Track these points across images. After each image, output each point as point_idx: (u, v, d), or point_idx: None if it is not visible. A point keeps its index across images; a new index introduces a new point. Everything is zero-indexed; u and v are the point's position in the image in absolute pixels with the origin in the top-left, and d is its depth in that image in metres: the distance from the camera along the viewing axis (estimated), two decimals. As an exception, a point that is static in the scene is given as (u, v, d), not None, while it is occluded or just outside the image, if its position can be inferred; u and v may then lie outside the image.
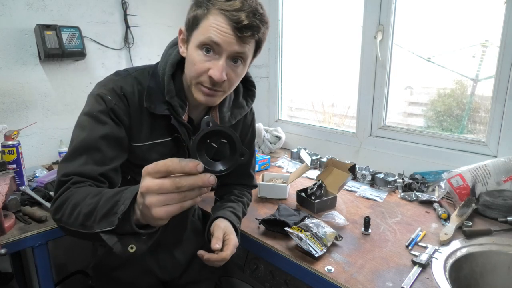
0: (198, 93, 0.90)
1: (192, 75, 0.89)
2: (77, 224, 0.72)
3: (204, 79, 0.87)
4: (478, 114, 1.63)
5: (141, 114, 0.94)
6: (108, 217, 0.64)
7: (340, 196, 1.48)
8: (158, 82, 0.95)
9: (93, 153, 0.85)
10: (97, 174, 0.83)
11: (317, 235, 1.05)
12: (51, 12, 1.80)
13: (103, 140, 0.86)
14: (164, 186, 0.55)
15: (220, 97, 0.93)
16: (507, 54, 1.37)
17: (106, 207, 0.66)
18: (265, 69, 2.32)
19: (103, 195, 0.69)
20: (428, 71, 1.74)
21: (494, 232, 1.15)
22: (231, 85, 0.92)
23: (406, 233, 1.18)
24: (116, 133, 0.89)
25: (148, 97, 0.93)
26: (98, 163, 0.85)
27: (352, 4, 1.89)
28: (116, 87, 0.91)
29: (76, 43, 1.78)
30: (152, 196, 0.56)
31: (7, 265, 1.73)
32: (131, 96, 0.92)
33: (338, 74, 2.13)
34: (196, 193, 0.56)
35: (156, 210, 0.56)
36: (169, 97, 0.94)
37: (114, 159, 0.88)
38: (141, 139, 0.95)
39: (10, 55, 1.70)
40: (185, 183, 0.55)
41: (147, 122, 0.95)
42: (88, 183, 0.81)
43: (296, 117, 2.40)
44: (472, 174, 1.34)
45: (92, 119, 0.88)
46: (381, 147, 1.80)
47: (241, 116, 1.08)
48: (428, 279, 0.93)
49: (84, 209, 0.70)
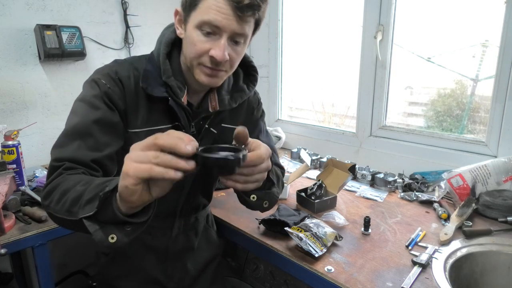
0: (200, 74, 0.87)
1: (192, 56, 0.86)
2: (63, 210, 0.69)
3: (205, 60, 0.84)
4: (478, 114, 1.63)
5: (138, 98, 0.90)
6: (92, 201, 0.62)
7: (340, 196, 1.48)
8: (155, 66, 0.92)
9: (86, 138, 0.82)
10: (90, 160, 0.80)
11: (317, 235, 1.05)
12: (51, 12, 1.80)
13: (96, 125, 0.83)
14: (147, 141, 0.57)
15: (223, 77, 0.91)
16: (507, 54, 1.37)
17: (93, 192, 0.64)
18: (265, 69, 2.32)
19: (94, 182, 0.68)
20: (428, 71, 1.74)
21: (494, 232, 1.15)
22: (233, 65, 0.89)
23: (406, 233, 1.18)
24: (110, 118, 0.86)
25: (145, 79, 0.89)
26: (91, 149, 0.82)
27: (352, 4, 1.89)
28: (111, 71, 0.89)
29: (76, 43, 1.78)
30: (133, 151, 0.57)
31: (7, 265, 1.73)
32: (126, 81, 0.89)
33: (338, 74, 2.13)
34: (171, 160, 0.55)
35: (127, 164, 0.56)
36: (166, 77, 0.90)
37: (108, 145, 0.85)
38: (138, 125, 0.91)
39: (10, 55, 1.70)
40: (164, 136, 0.56)
41: (144, 107, 0.91)
42: (82, 170, 0.78)
43: (296, 117, 2.41)
44: (472, 174, 1.34)
45: (85, 104, 0.86)
46: (381, 147, 1.80)
47: (241, 99, 1.03)
48: (428, 279, 0.93)
49: (72, 195, 0.68)
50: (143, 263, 1.06)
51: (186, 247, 1.11)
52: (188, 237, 1.11)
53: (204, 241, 1.17)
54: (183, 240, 1.09)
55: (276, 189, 0.89)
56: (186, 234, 1.10)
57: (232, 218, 1.27)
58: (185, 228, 1.09)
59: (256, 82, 1.07)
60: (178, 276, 1.10)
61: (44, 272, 1.24)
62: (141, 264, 1.06)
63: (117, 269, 1.07)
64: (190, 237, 1.11)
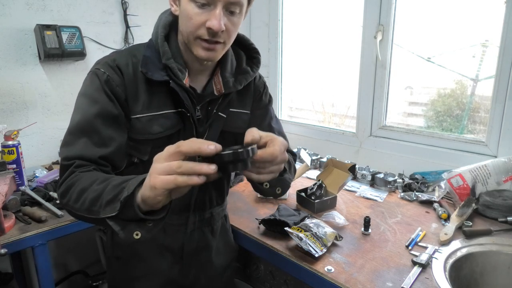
0: (198, 48, 0.86)
1: (189, 30, 0.84)
2: (83, 209, 0.73)
3: (202, 32, 0.83)
4: (478, 114, 1.63)
5: (137, 84, 0.89)
6: (112, 203, 0.66)
7: (340, 196, 1.48)
8: (154, 51, 0.91)
9: (90, 134, 0.83)
10: (97, 157, 0.82)
11: (317, 235, 1.05)
12: (51, 12, 1.80)
13: (98, 119, 0.84)
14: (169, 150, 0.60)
15: (221, 50, 0.89)
16: (507, 54, 1.37)
17: (111, 193, 0.67)
18: (265, 69, 2.32)
19: (110, 182, 0.70)
20: (428, 71, 1.74)
21: (494, 232, 1.15)
22: (230, 36, 0.87)
23: (406, 233, 1.18)
24: (110, 109, 0.86)
25: (144, 64, 0.89)
26: (98, 145, 0.83)
27: (352, 4, 1.89)
28: (109, 60, 0.89)
29: (76, 43, 1.78)
30: (157, 163, 0.61)
31: (7, 265, 1.73)
32: (124, 68, 0.89)
33: (338, 74, 2.13)
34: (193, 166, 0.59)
35: (154, 177, 0.60)
36: (166, 59, 0.88)
37: (113, 139, 0.86)
38: (139, 111, 0.90)
39: (10, 55, 1.70)
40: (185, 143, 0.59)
41: (145, 92, 0.90)
42: (92, 167, 0.81)
43: (296, 117, 2.40)
44: (472, 174, 1.34)
45: (85, 98, 0.86)
46: (381, 147, 1.80)
47: (246, 81, 1.00)
48: (428, 279, 0.93)
49: (90, 194, 0.71)
50: (158, 263, 1.04)
51: (202, 245, 1.07)
52: (204, 234, 1.08)
53: (222, 244, 1.13)
54: (199, 236, 1.06)
55: (288, 175, 0.90)
56: (202, 231, 1.07)
57: (232, 218, 1.27)
58: (200, 224, 1.06)
59: (260, 63, 1.05)
60: (193, 274, 1.07)
61: (44, 272, 1.24)
62: (157, 265, 1.04)
63: (131, 272, 1.04)
64: (205, 234, 1.08)
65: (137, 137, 0.91)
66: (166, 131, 0.92)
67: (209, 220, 1.08)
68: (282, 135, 1.10)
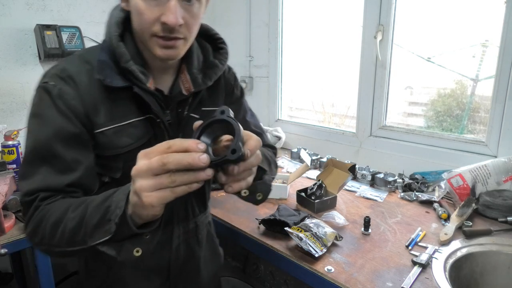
0: (155, 47, 0.76)
1: (142, 27, 0.74)
2: (63, 243, 0.64)
3: (157, 29, 0.73)
4: (478, 114, 1.63)
5: (95, 93, 0.78)
6: (101, 226, 0.59)
7: (340, 196, 1.48)
8: (110, 54, 0.79)
9: (51, 160, 0.72)
10: (64, 185, 0.72)
11: (317, 235, 1.05)
12: (51, 12, 1.80)
13: (55, 141, 0.73)
14: (152, 164, 0.51)
15: (182, 47, 0.78)
16: (507, 54, 1.37)
17: (96, 216, 0.60)
18: (265, 69, 2.32)
19: (89, 204, 0.62)
20: (428, 71, 1.74)
21: (494, 232, 1.15)
22: (191, 30, 0.77)
23: (406, 233, 1.18)
24: (68, 128, 0.74)
25: (100, 70, 0.77)
26: (62, 171, 0.72)
27: (352, 4, 1.89)
28: (58, 71, 0.77)
29: (76, 43, 1.79)
30: (142, 180, 0.52)
31: (7, 265, 1.73)
32: (78, 77, 0.77)
33: (338, 74, 2.13)
34: (189, 177, 0.52)
35: (146, 196, 0.52)
36: (124, 62, 0.77)
37: (79, 162, 0.75)
38: (102, 123, 0.78)
39: (10, 55, 1.70)
40: (172, 159, 0.50)
41: (106, 102, 0.79)
42: (60, 196, 0.71)
43: (296, 117, 2.40)
44: (472, 174, 1.34)
45: (38, 119, 0.75)
46: (381, 147, 1.80)
47: (216, 76, 0.91)
48: (428, 279, 0.93)
49: (69, 224, 0.63)
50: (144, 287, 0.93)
51: (189, 258, 0.98)
52: (190, 246, 0.98)
53: (208, 252, 1.05)
54: (185, 250, 0.96)
55: (268, 177, 0.80)
56: (188, 243, 0.97)
57: (232, 218, 1.27)
58: (186, 236, 0.96)
59: (228, 55, 0.95)
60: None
61: (44, 272, 1.24)
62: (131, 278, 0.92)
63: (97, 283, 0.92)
64: (192, 246, 0.98)
65: (105, 154, 0.80)
66: (136, 142, 0.82)
67: (194, 231, 0.99)
68: (258, 128, 1.06)
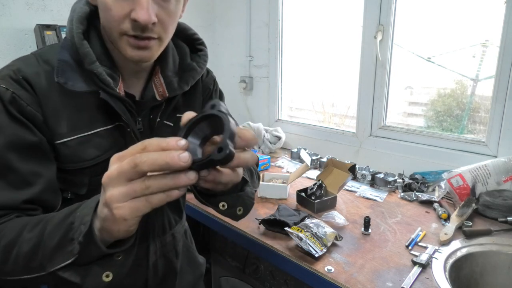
0: (126, 47, 0.67)
1: (110, 25, 0.66)
2: (18, 269, 0.53)
3: (127, 27, 0.65)
4: (478, 114, 1.63)
5: (56, 99, 0.68)
6: (62, 247, 0.49)
7: (340, 196, 1.48)
8: (73, 53, 0.70)
9: (4, 174, 0.62)
10: (20, 201, 0.62)
11: (317, 235, 1.05)
12: (51, 12, 1.80)
13: (9, 152, 0.63)
14: (122, 167, 0.43)
15: (157, 48, 0.70)
16: (507, 54, 1.37)
17: (56, 235, 0.50)
18: (265, 69, 2.32)
19: (48, 222, 0.53)
20: (428, 71, 1.74)
21: (494, 232, 1.15)
22: (166, 29, 0.69)
23: (406, 233, 1.18)
24: (25, 136, 0.65)
25: (61, 72, 0.68)
26: (17, 186, 0.63)
27: (352, 4, 1.89)
28: (11, 71, 0.68)
29: (76, 43, 1.79)
30: (113, 189, 0.44)
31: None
32: (34, 79, 0.67)
33: (338, 74, 2.13)
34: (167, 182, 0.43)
35: (117, 207, 0.43)
36: (88, 63, 0.67)
37: (37, 174, 0.65)
38: (64, 133, 0.69)
39: (10, 55, 1.70)
40: (145, 158, 0.42)
41: (69, 108, 0.69)
42: (15, 215, 0.61)
43: (296, 117, 2.40)
44: (472, 174, 1.34)
45: None
46: (381, 147, 1.80)
47: (194, 80, 0.83)
48: (428, 279, 0.93)
49: (24, 247, 0.53)
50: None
51: (168, 273, 0.90)
52: (169, 260, 0.90)
53: (186, 262, 0.98)
54: (164, 265, 0.88)
55: (250, 189, 0.70)
56: (166, 257, 0.89)
57: (232, 218, 1.27)
58: (163, 251, 0.88)
59: (207, 57, 0.87)
60: None
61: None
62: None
63: None
64: (171, 260, 0.90)
65: (68, 167, 0.70)
66: (104, 154, 0.73)
67: (172, 243, 0.91)
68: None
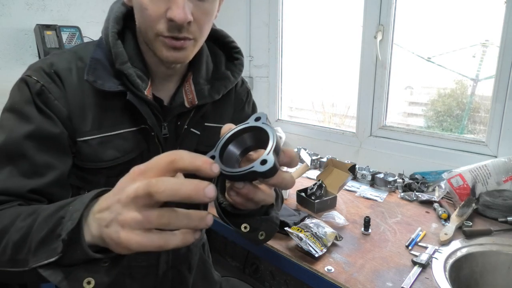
0: (161, 48, 0.66)
1: (146, 25, 0.65)
2: (5, 260, 0.50)
3: (163, 27, 0.64)
4: (478, 114, 1.64)
5: (84, 97, 0.69)
6: (47, 243, 0.45)
7: (340, 196, 1.48)
8: (106, 52, 0.70)
9: (17, 160, 0.63)
10: (27, 190, 0.62)
11: (317, 235, 1.05)
12: (51, 12, 1.80)
13: (28, 141, 0.64)
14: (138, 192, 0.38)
15: (192, 48, 0.69)
16: (507, 54, 1.37)
17: (44, 229, 0.46)
18: (265, 69, 2.32)
19: (40, 213, 0.49)
20: (428, 71, 1.74)
21: (494, 232, 1.15)
22: (202, 29, 0.68)
23: (406, 233, 1.18)
24: (48, 128, 0.65)
25: (93, 71, 0.68)
26: (27, 175, 0.63)
27: (352, 4, 1.89)
28: (45, 64, 0.69)
29: (76, 43, 1.79)
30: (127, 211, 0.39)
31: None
32: (66, 74, 0.68)
33: (338, 74, 2.13)
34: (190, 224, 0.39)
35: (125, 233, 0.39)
36: (120, 64, 0.68)
37: (50, 167, 0.65)
38: (87, 131, 0.69)
39: (10, 55, 1.70)
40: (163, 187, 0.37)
41: (95, 107, 0.69)
42: (18, 202, 0.61)
43: (296, 117, 2.41)
44: (472, 174, 1.34)
45: (12, 114, 0.66)
46: (381, 147, 1.80)
47: (226, 89, 0.81)
48: (428, 279, 0.93)
49: (13, 236, 0.50)
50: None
51: (176, 284, 0.86)
52: (181, 273, 0.86)
53: (200, 277, 0.93)
54: (174, 277, 0.85)
55: (275, 213, 0.67)
56: (177, 270, 0.85)
57: (232, 218, 1.27)
58: (175, 263, 0.84)
59: (242, 67, 0.85)
60: None
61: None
62: None
63: None
64: (183, 273, 0.86)
65: (86, 165, 0.71)
66: (124, 156, 0.73)
67: (186, 256, 0.87)
68: None
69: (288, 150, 0.47)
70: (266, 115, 0.47)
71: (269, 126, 0.45)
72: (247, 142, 0.47)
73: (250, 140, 0.47)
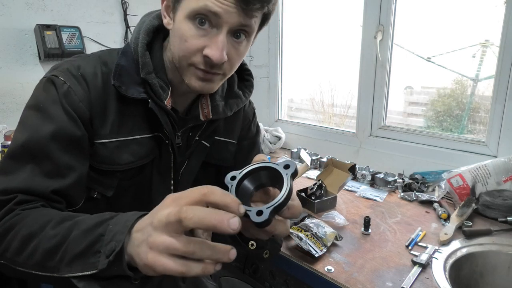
0: (191, 77, 0.71)
1: (182, 54, 0.69)
2: (31, 263, 0.52)
3: (198, 60, 0.68)
4: (478, 114, 1.64)
5: (107, 100, 0.72)
6: (84, 257, 0.48)
7: (340, 196, 1.48)
8: (131, 61, 0.74)
9: (41, 160, 0.64)
10: (50, 191, 0.63)
11: (317, 235, 1.05)
12: (51, 12, 1.80)
13: (53, 141, 0.65)
14: (170, 218, 0.42)
15: (219, 82, 0.74)
16: (507, 54, 1.37)
17: (82, 242, 0.49)
18: (265, 69, 2.32)
19: (76, 225, 0.52)
20: (428, 71, 1.74)
21: (494, 232, 1.15)
22: (232, 67, 0.73)
23: (406, 233, 1.18)
24: (70, 130, 0.67)
25: (118, 76, 0.71)
26: (50, 175, 0.64)
27: (352, 4, 1.89)
28: (72, 67, 0.71)
29: (76, 43, 1.79)
30: (158, 235, 0.42)
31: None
32: (92, 78, 0.71)
33: (338, 74, 2.13)
34: (213, 256, 0.42)
35: (152, 255, 0.42)
36: (145, 73, 0.72)
37: (72, 168, 0.67)
38: (106, 134, 0.72)
39: (10, 55, 1.70)
40: (191, 214, 0.41)
41: (115, 111, 0.73)
42: (40, 203, 0.62)
43: (296, 117, 2.41)
44: (472, 174, 1.34)
45: (37, 112, 0.67)
46: (381, 147, 1.80)
47: (237, 107, 0.87)
48: (428, 279, 0.93)
49: (44, 243, 0.52)
50: None
51: None
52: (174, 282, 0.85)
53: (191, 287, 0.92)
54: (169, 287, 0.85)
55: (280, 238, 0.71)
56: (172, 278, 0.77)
57: (232, 218, 1.27)
58: None
59: (252, 88, 0.92)
60: None
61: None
62: None
63: None
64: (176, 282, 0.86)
65: (101, 167, 0.73)
66: (137, 161, 0.76)
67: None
68: None
69: (293, 207, 0.52)
70: (295, 165, 0.50)
71: (290, 180, 0.49)
72: (263, 179, 0.52)
73: (267, 180, 0.52)
